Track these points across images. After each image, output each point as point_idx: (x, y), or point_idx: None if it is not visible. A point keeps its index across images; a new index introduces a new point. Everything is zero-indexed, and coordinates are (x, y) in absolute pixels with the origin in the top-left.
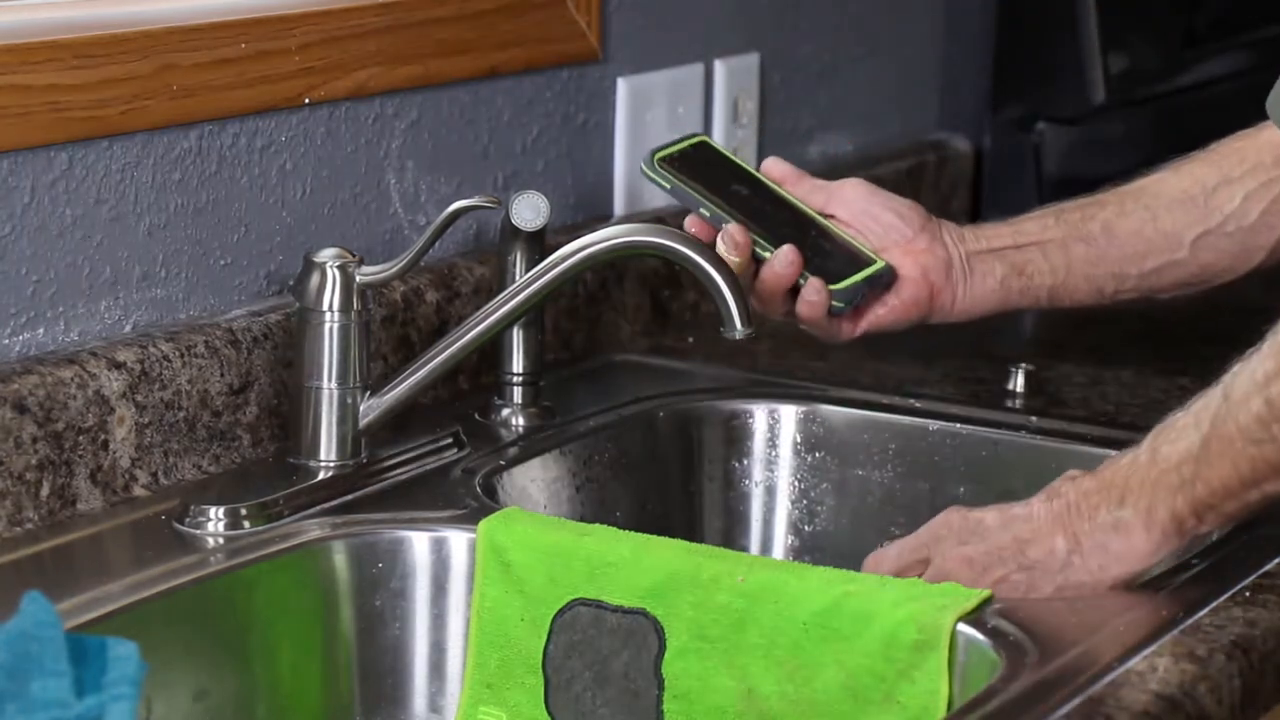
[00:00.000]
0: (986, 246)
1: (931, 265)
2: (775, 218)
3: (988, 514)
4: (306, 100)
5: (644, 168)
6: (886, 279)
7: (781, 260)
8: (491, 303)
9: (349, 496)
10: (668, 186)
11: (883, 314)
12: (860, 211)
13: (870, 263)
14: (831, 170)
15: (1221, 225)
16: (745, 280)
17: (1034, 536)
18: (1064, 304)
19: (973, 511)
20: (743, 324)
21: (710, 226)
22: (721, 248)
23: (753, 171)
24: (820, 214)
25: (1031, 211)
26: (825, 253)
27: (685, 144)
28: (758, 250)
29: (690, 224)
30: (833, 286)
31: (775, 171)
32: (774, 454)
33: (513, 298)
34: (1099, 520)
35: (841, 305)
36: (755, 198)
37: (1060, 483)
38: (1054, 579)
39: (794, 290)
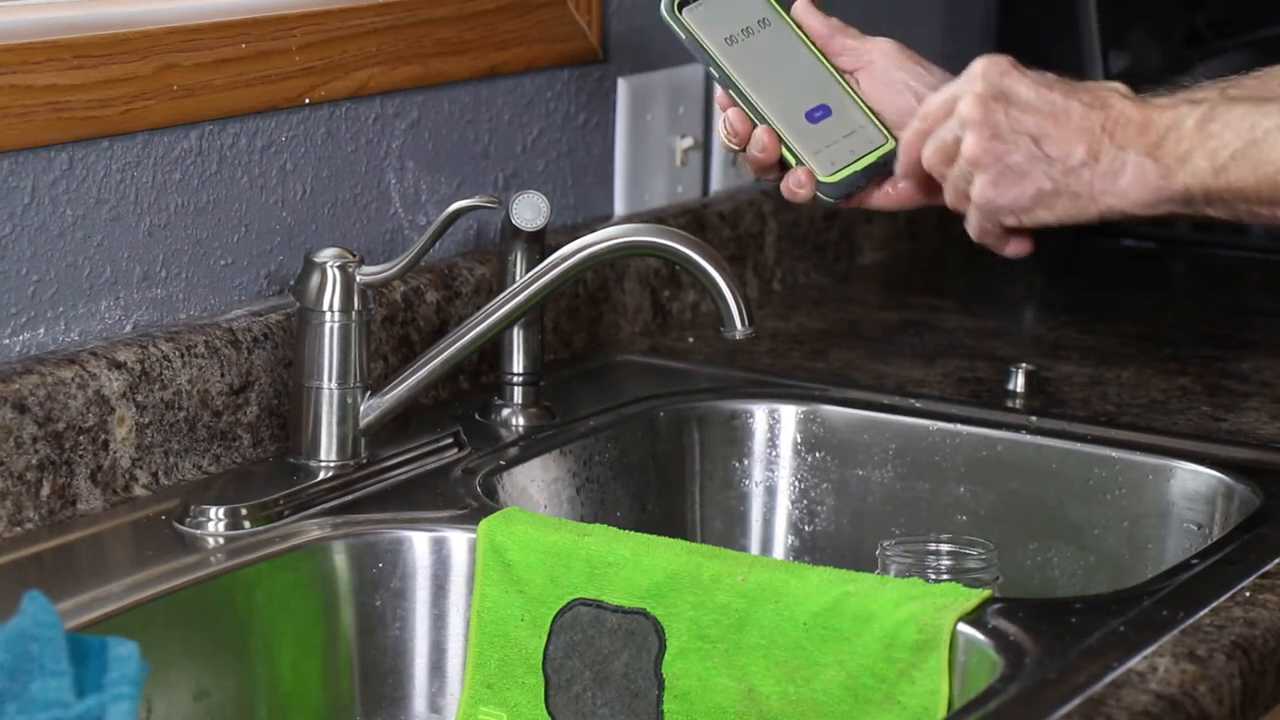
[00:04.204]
0: None
1: None
2: (790, 83)
3: (1027, 80)
4: (307, 100)
5: (662, 12)
6: (891, 164)
7: (756, 144)
8: (492, 303)
9: (349, 496)
10: (684, 36)
11: (877, 197)
12: (882, 85)
13: (879, 144)
14: None
15: None
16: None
17: (1058, 130)
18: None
19: (1016, 70)
20: (743, 324)
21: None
22: (721, 130)
23: (785, 17)
24: (845, 77)
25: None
26: (833, 130)
27: None
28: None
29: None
30: (823, 178)
31: (804, 19)
32: (774, 454)
33: (513, 298)
34: (1125, 154)
35: (830, 200)
36: (775, 55)
37: (1110, 92)
38: (1055, 177)
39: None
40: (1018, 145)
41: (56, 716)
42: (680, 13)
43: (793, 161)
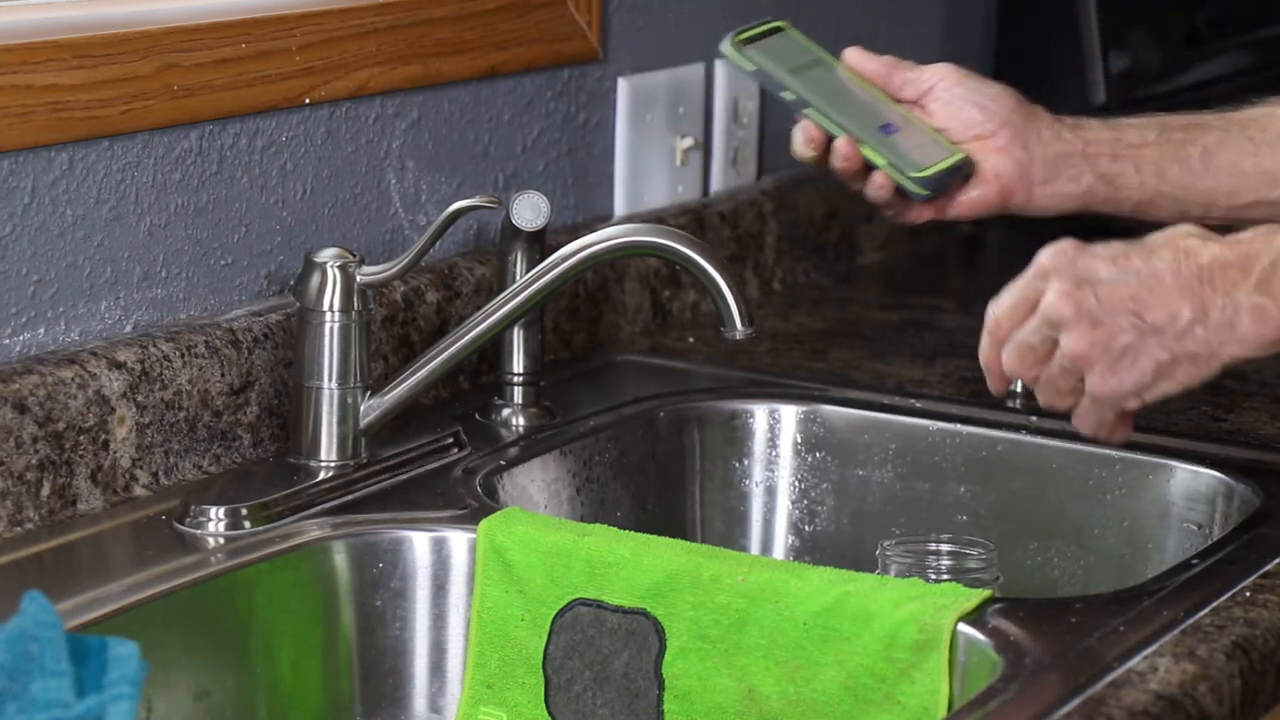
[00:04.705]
0: (1081, 150)
1: (1005, 167)
2: (854, 105)
3: (1101, 258)
4: (307, 100)
5: (725, 50)
6: (964, 171)
7: (838, 155)
8: (492, 303)
9: (349, 496)
10: (751, 69)
11: (950, 206)
12: (945, 103)
13: (950, 154)
14: None
15: None
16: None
17: (1156, 297)
18: (1146, 219)
19: (1086, 252)
20: (743, 324)
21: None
22: (798, 138)
23: (833, 61)
24: (908, 106)
25: (1137, 116)
26: (907, 140)
27: (764, 28)
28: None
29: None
30: (916, 174)
31: (859, 64)
32: (774, 454)
33: (513, 298)
34: (1234, 298)
35: (926, 193)
36: (834, 86)
37: (1186, 239)
38: (1169, 345)
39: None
40: (1121, 325)
41: (56, 716)
42: (743, 49)
43: (881, 163)
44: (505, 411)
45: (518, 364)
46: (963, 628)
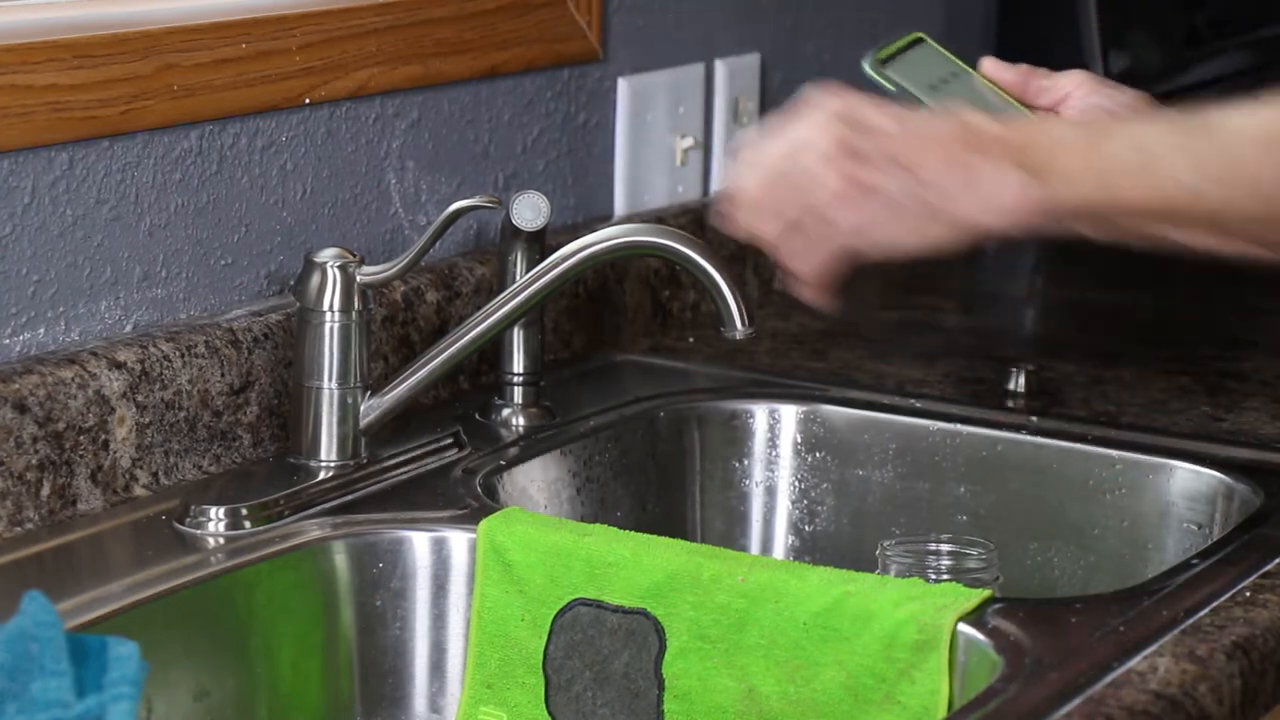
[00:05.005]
0: None
1: None
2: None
3: (881, 111)
4: (307, 100)
5: (867, 70)
6: None
7: None
8: (492, 303)
9: (349, 496)
10: (893, 89)
11: None
12: (1080, 111)
13: None
14: None
15: None
16: None
17: (925, 150)
18: None
19: (867, 102)
20: (743, 324)
21: None
22: None
23: (971, 71)
24: (1040, 111)
25: None
26: None
27: (903, 43)
28: None
29: None
30: None
31: (995, 74)
32: (774, 454)
33: (513, 298)
34: (1000, 168)
35: None
36: (973, 100)
37: (968, 113)
38: (920, 195)
39: None
40: (881, 166)
41: (56, 716)
42: (883, 69)
43: None
44: (505, 411)
45: (518, 364)
46: (963, 628)
